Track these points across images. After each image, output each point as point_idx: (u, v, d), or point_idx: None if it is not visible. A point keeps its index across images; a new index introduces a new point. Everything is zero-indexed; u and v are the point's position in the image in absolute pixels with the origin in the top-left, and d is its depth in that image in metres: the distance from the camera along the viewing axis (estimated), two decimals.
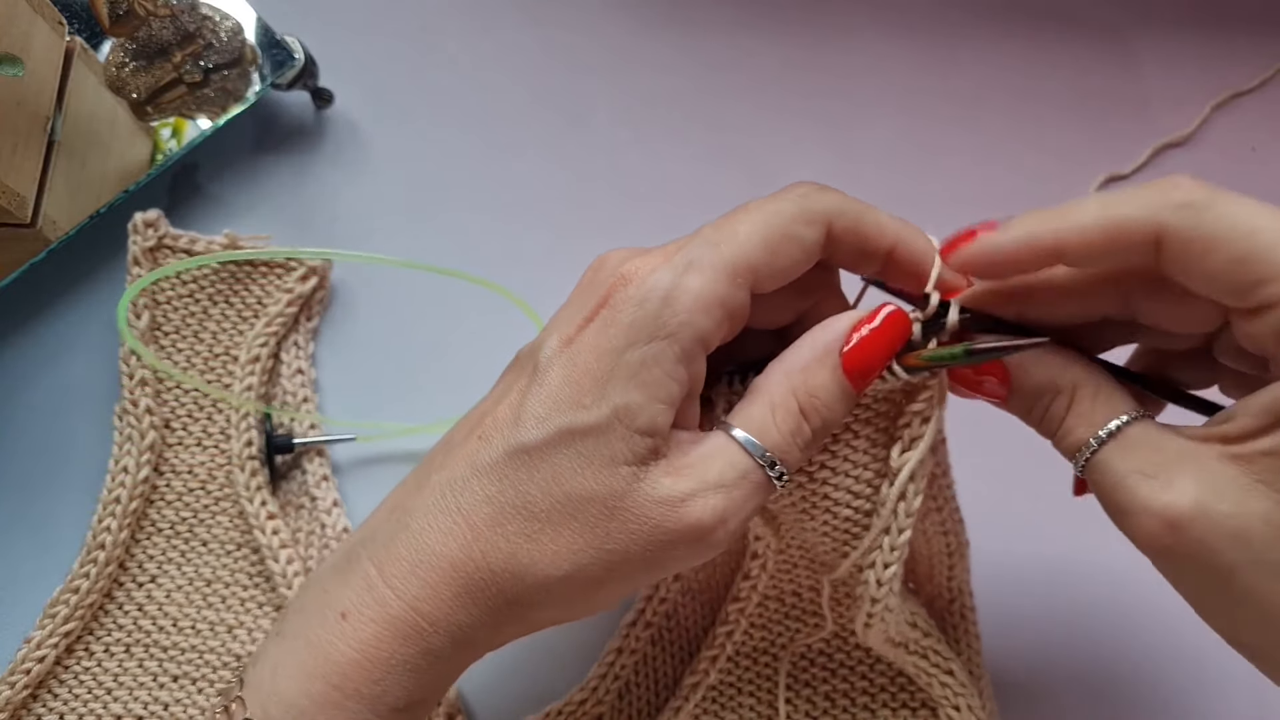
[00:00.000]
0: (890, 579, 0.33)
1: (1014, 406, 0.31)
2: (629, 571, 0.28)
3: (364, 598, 0.28)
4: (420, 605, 0.28)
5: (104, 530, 0.45)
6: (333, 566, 0.30)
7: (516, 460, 0.28)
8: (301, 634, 0.29)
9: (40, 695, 0.44)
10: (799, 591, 0.40)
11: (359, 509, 0.48)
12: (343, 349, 0.51)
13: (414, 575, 0.28)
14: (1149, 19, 0.60)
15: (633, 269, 0.28)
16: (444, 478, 0.29)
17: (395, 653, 0.28)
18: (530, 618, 0.29)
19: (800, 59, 0.59)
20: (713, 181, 0.56)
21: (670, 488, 0.28)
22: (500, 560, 0.28)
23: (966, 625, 0.40)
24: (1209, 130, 0.57)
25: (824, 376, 0.29)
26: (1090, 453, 0.29)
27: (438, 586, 0.28)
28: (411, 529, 0.29)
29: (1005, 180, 0.56)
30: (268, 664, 0.29)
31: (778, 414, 0.29)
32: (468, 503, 0.28)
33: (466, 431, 0.30)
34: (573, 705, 0.42)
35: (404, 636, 0.28)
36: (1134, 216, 0.26)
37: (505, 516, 0.28)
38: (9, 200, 0.46)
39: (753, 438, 0.29)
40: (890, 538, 0.32)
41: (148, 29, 0.49)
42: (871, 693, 0.41)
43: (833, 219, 0.29)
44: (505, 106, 0.58)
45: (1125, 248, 0.27)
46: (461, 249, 0.53)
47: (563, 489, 0.28)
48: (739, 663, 0.42)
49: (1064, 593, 0.46)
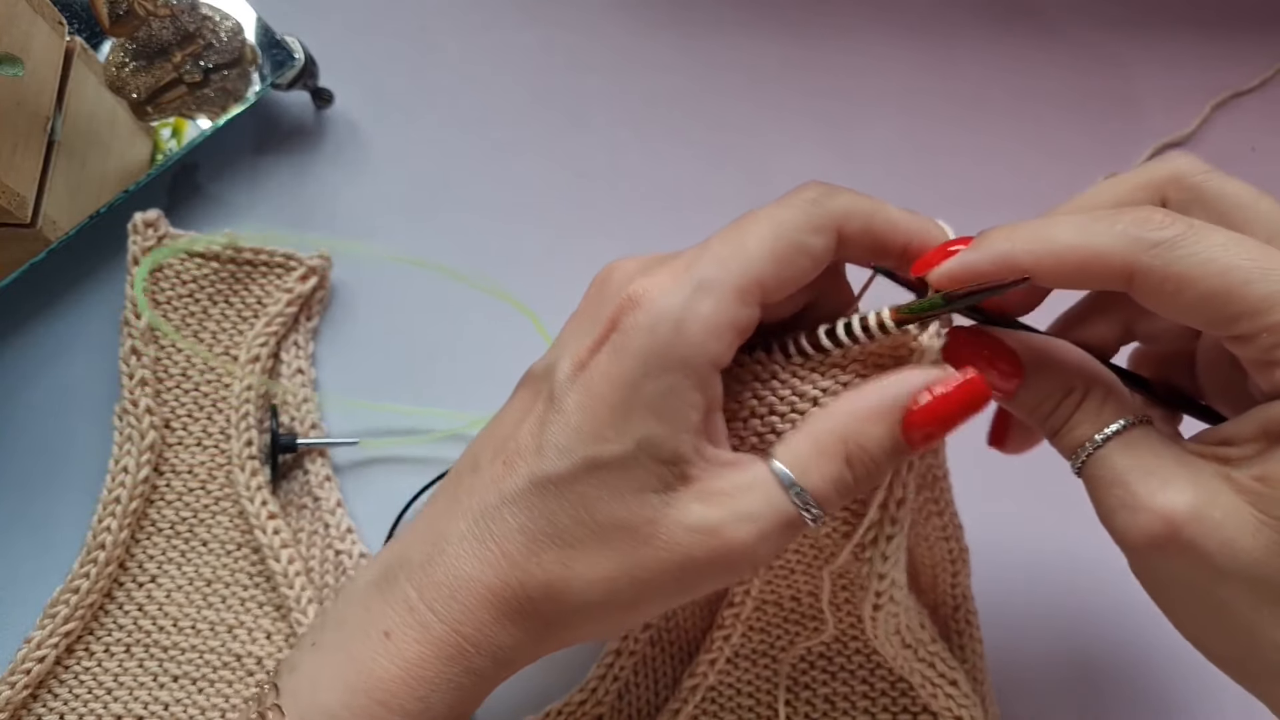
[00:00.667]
0: (895, 551, 0.33)
1: (1022, 400, 0.30)
2: (662, 594, 0.29)
3: (406, 619, 0.29)
4: (462, 628, 0.29)
5: (104, 530, 0.45)
6: (371, 584, 0.30)
7: (543, 490, 0.28)
8: (343, 648, 0.29)
9: (40, 695, 0.44)
10: (798, 596, 0.40)
11: (358, 510, 0.48)
12: (343, 349, 0.51)
13: (454, 600, 0.29)
14: (1149, 19, 0.60)
15: (640, 290, 0.28)
16: (476, 504, 0.29)
17: (440, 672, 0.28)
18: (567, 637, 0.30)
19: (800, 59, 0.59)
20: (713, 181, 0.56)
21: (702, 515, 0.28)
22: (537, 588, 0.28)
23: (970, 632, 0.40)
24: (1209, 130, 0.57)
25: (879, 431, 0.28)
26: (1093, 448, 0.29)
27: (478, 611, 0.28)
28: (448, 555, 0.29)
29: (1005, 180, 0.56)
30: (305, 674, 0.29)
31: (822, 458, 0.28)
32: (500, 531, 0.29)
33: (492, 454, 0.30)
34: (572, 706, 0.42)
35: (448, 657, 0.28)
36: (1107, 251, 0.26)
37: (539, 545, 0.28)
38: (9, 200, 0.46)
39: (792, 475, 0.28)
40: (890, 509, 0.32)
41: (148, 29, 0.49)
42: (872, 696, 0.41)
43: (842, 223, 0.29)
44: (505, 106, 0.58)
45: (1097, 279, 0.27)
46: (461, 249, 0.53)
47: (593, 518, 0.28)
48: (738, 665, 0.42)
49: (1064, 593, 0.46)
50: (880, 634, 0.36)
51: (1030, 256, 0.27)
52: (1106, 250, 0.26)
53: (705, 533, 0.28)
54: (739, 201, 0.30)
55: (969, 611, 0.40)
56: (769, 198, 0.30)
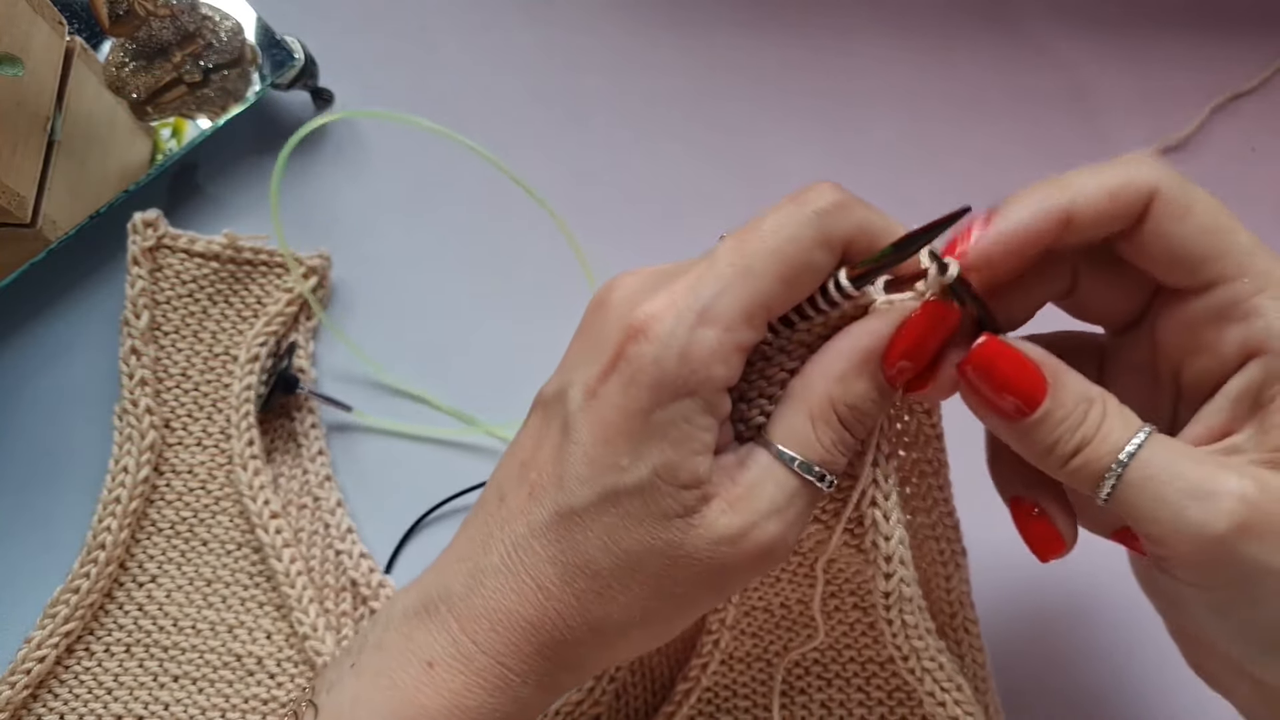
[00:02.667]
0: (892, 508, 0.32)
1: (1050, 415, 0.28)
2: (699, 603, 0.30)
3: (449, 650, 0.29)
4: (505, 660, 0.29)
5: (104, 530, 0.45)
6: (411, 613, 0.30)
7: (569, 522, 0.28)
8: (385, 674, 0.29)
9: (40, 695, 0.44)
10: (787, 604, 0.39)
11: (355, 507, 0.48)
12: (343, 349, 0.51)
13: (494, 633, 0.29)
14: (1149, 19, 0.60)
15: (643, 319, 0.27)
16: (508, 537, 0.29)
17: (484, 703, 0.29)
18: (608, 658, 0.30)
19: (800, 59, 0.59)
20: (713, 181, 0.56)
21: (727, 526, 0.28)
22: (575, 617, 0.29)
23: (970, 640, 0.39)
24: (1209, 130, 0.57)
25: (863, 385, 0.29)
26: (1136, 450, 0.27)
27: (519, 644, 0.29)
28: (487, 587, 0.29)
29: (1005, 180, 0.55)
30: (345, 696, 0.29)
31: (819, 427, 0.29)
32: (532, 564, 0.29)
33: (515, 483, 0.30)
34: (569, 706, 0.42)
35: (493, 688, 0.29)
36: (1133, 176, 0.28)
37: (572, 576, 0.28)
38: (9, 200, 0.46)
39: (798, 455, 0.29)
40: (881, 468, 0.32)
41: (148, 29, 0.49)
42: (869, 705, 0.41)
43: (851, 242, 0.28)
44: (505, 106, 0.58)
45: (1125, 208, 0.28)
46: (461, 249, 0.53)
47: (620, 546, 0.28)
48: (733, 668, 0.42)
49: (1065, 595, 0.46)
50: (894, 624, 0.35)
51: (1067, 201, 0.28)
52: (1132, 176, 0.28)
53: (733, 541, 0.28)
54: (739, 201, 0.30)
55: (967, 617, 0.39)
56: (769, 198, 0.30)
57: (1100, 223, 0.28)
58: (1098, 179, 0.28)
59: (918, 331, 0.28)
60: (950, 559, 0.37)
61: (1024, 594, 0.46)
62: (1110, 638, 0.46)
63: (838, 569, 0.38)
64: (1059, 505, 0.31)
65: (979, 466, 0.36)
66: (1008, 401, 0.28)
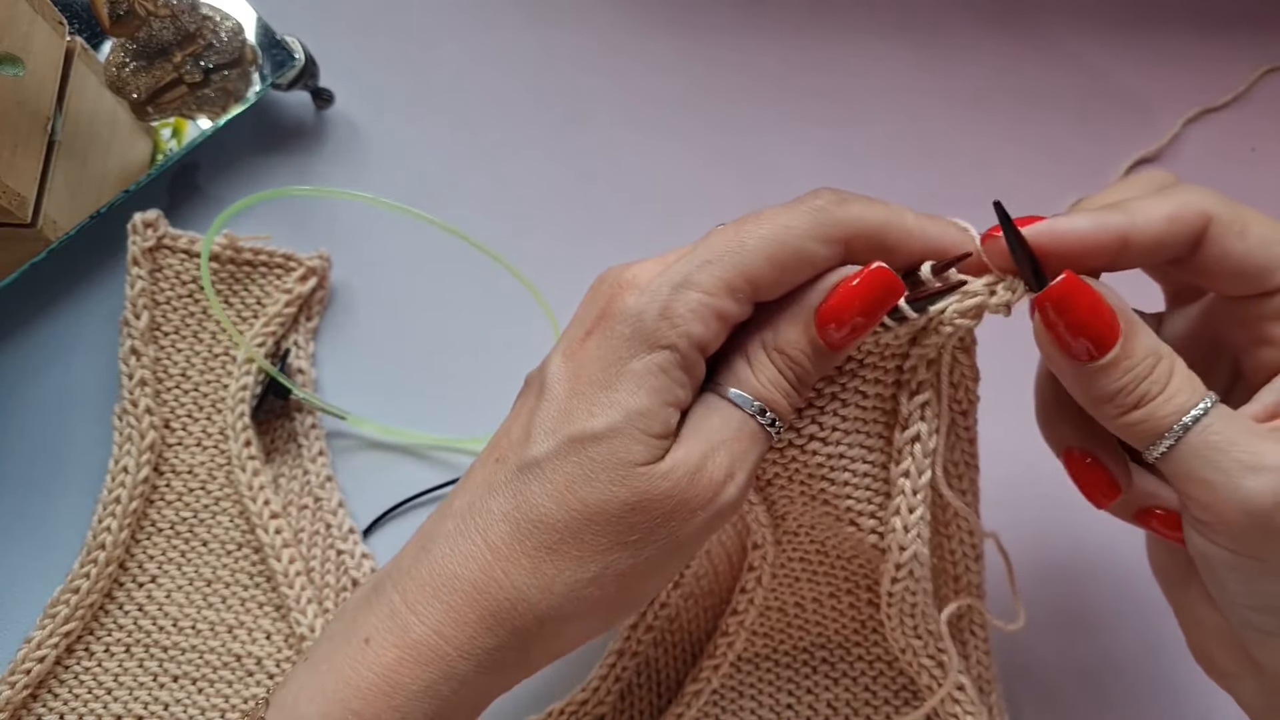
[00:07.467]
0: (916, 524, 0.32)
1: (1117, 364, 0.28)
2: (654, 559, 0.29)
3: (387, 624, 0.28)
4: (443, 629, 0.28)
5: (104, 530, 0.45)
6: (362, 596, 0.30)
7: (527, 474, 0.28)
8: (326, 659, 0.29)
9: (40, 695, 0.44)
10: (801, 603, 0.40)
11: (354, 507, 0.48)
12: (343, 349, 0.51)
13: (436, 600, 0.28)
14: (1149, 19, 0.60)
15: (630, 278, 0.29)
16: (463, 503, 0.29)
17: (417, 677, 0.28)
18: (562, 633, 0.29)
19: (800, 59, 0.59)
20: (713, 181, 0.56)
21: (684, 458, 0.28)
22: (523, 577, 0.28)
23: (977, 642, 0.39)
24: (1209, 131, 0.57)
25: (794, 332, 0.29)
26: (1202, 413, 0.27)
27: (461, 610, 0.28)
28: (433, 554, 0.29)
29: (1004, 180, 0.56)
30: (293, 688, 0.29)
31: (754, 363, 0.30)
32: (485, 522, 0.29)
33: (486, 453, 0.30)
34: (574, 705, 0.42)
35: (425, 661, 0.28)
36: (1189, 201, 0.29)
37: (523, 533, 0.28)
38: (9, 200, 0.46)
39: (734, 389, 0.29)
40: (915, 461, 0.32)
41: (148, 29, 0.49)
42: (875, 704, 0.41)
43: (851, 236, 0.29)
44: (505, 106, 0.58)
45: (1183, 231, 0.29)
46: (461, 248, 0.53)
47: (577, 495, 0.28)
48: (741, 668, 0.42)
49: (1069, 592, 0.46)
50: (894, 620, 0.36)
51: (1126, 221, 0.29)
52: (1186, 203, 0.29)
53: (689, 474, 0.28)
54: (739, 201, 0.30)
55: (974, 622, 0.39)
56: (769, 198, 0.30)
57: (1158, 246, 0.29)
58: (1155, 204, 0.29)
59: (847, 297, 0.29)
60: (962, 560, 0.37)
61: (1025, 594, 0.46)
62: (1111, 638, 0.46)
63: (858, 564, 0.38)
64: (1111, 453, 0.32)
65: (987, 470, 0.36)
66: (1080, 343, 0.28)
